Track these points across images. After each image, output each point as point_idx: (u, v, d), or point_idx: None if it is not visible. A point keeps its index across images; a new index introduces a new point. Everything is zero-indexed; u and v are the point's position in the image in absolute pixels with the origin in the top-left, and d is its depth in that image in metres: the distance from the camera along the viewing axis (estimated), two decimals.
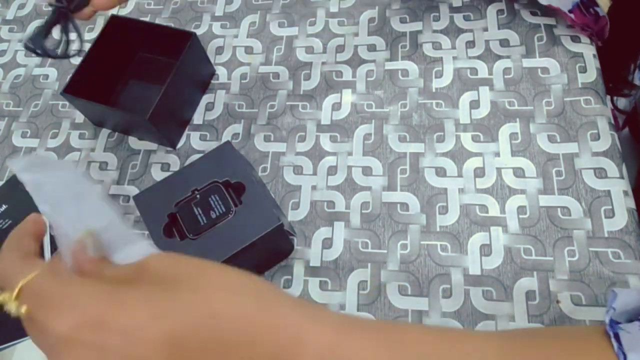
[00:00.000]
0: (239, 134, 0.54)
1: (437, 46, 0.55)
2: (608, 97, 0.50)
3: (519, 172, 0.47)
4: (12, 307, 0.23)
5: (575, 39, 0.51)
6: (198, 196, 0.44)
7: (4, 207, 0.46)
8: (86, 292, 0.23)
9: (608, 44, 0.51)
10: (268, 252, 0.46)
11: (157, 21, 0.63)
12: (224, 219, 0.43)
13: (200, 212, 0.43)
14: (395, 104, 0.52)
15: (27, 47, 0.41)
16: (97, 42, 0.55)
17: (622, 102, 0.69)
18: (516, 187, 0.46)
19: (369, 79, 0.54)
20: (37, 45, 0.41)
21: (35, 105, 0.60)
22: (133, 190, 0.53)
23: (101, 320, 0.22)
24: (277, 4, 0.61)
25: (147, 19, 0.64)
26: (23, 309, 0.23)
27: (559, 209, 0.44)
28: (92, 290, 0.23)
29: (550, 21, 0.53)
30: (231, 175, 0.44)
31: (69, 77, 0.61)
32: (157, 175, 0.53)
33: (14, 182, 0.47)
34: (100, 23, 0.65)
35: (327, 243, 0.47)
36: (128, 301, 0.23)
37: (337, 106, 0.54)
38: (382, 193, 0.48)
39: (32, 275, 0.24)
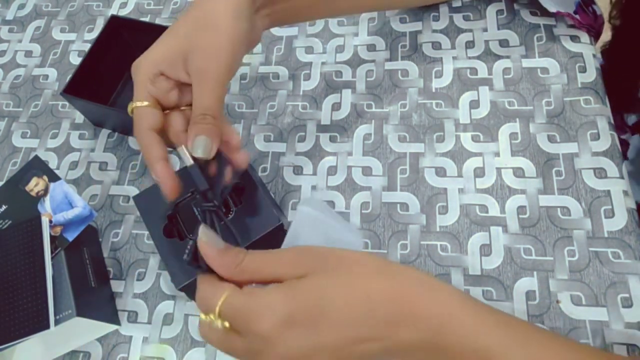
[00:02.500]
0: (239, 134, 0.54)
1: (436, 46, 0.55)
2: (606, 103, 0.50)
3: (519, 172, 0.47)
4: (218, 324, 0.29)
5: (574, 39, 0.51)
6: (198, 196, 0.44)
7: (4, 207, 0.46)
8: (272, 298, 0.28)
9: (615, 61, 0.51)
10: None
11: (157, 21, 0.63)
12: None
13: (200, 212, 0.43)
14: (395, 104, 0.52)
15: (189, 264, 0.33)
16: (97, 42, 0.55)
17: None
18: (516, 187, 0.46)
19: (368, 79, 0.54)
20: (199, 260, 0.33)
21: (35, 106, 0.60)
22: (133, 190, 0.53)
23: (292, 319, 0.27)
24: None
25: (147, 19, 0.64)
26: (226, 324, 0.29)
27: (559, 209, 0.44)
28: (275, 296, 0.28)
29: (550, 21, 0.53)
30: None
31: (69, 77, 0.61)
32: None
33: (14, 182, 0.47)
34: (100, 23, 0.65)
35: None
36: (306, 301, 0.28)
37: (337, 106, 0.54)
38: (382, 193, 0.48)
39: (224, 297, 0.29)
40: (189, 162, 0.35)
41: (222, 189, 0.36)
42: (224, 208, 0.43)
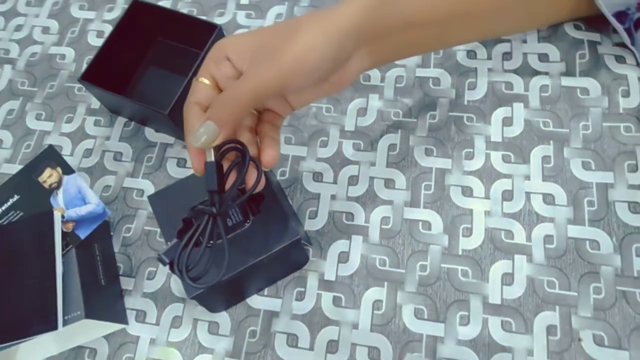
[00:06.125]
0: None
1: (471, 55, 0.52)
2: None
3: (548, 199, 0.45)
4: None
5: (620, 60, 0.49)
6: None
7: (16, 197, 0.45)
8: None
9: None
10: (282, 264, 0.44)
11: (179, 6, 0.61)
12: (240, 228, 0.41)
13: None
14: (424, 114, 0.50)
15: (160, 260, 0.34)
16: (118, 28, 0.52)
17: None
18: (545, 214, 0.44)
19: (397, 85, 0.52)
20: (170, 257, 0.34)
21: (51, 87, 0.58)
22: (147, 184, 0.51)
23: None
24: None
25: (169, 4, 0.61)
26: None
27: (587, 242, 0.43)
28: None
29: (595, 37, 0.50)
30: None
31: (86, 59, 0.60)
32: (173, 170, 0.52)
33: (27, 172, 0.46)
34: (120, 2, 0.62)
35: (344, 257, 0.45)
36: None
37: (362, 112, 0.51)
38: (404, 209, 0.46)
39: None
40: (210, 157, 0.34)
41: (233, 197, 0.35)
42: (242, 216, 0.42)
